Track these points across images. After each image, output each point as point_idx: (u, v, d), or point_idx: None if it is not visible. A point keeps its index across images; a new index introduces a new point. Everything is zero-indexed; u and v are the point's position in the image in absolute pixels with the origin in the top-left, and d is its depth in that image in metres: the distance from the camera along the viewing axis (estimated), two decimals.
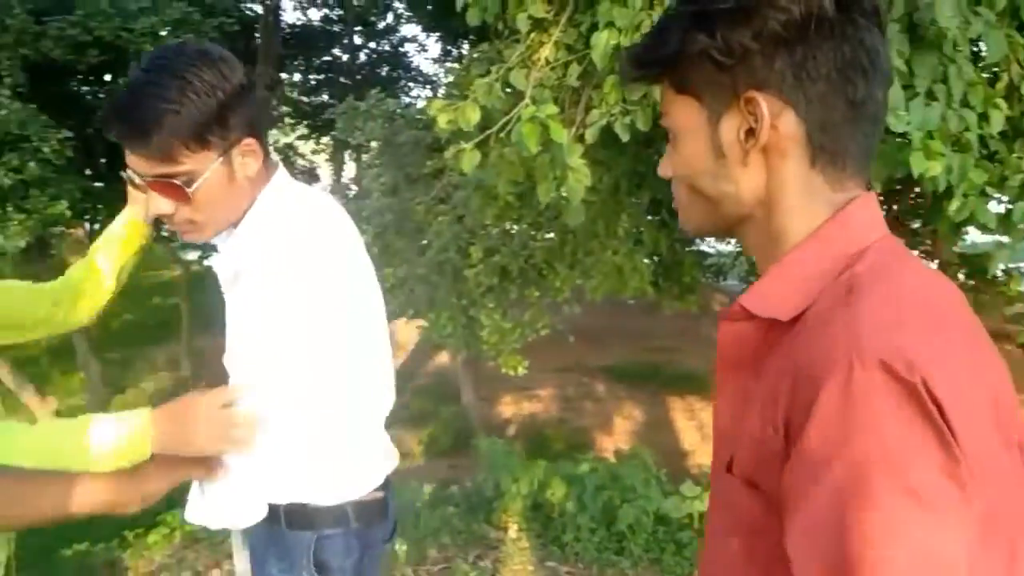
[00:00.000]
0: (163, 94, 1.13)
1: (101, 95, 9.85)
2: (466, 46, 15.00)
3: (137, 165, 1.20)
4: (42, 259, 10.95)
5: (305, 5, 15.33)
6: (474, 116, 2.87)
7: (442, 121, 2.91)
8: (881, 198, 3.61)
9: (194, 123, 1.15)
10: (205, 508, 1.28)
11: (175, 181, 1.20)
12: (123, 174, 1.27)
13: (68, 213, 6.53)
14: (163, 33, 7.67)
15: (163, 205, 1.22)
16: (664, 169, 0.85)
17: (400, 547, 2.94)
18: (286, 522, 1.30)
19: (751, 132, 0.74)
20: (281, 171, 1.33)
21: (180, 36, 7.95)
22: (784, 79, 0.72)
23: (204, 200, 1.22)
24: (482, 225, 6.50)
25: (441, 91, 15.26)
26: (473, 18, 3.40)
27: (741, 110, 0.74)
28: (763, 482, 0.71)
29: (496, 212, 4.92)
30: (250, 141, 1.23)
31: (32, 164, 6.25)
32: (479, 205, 4.73)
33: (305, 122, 16.25)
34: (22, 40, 7.56)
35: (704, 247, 7.78)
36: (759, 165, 0.75)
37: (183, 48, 1.20)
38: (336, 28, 15.56)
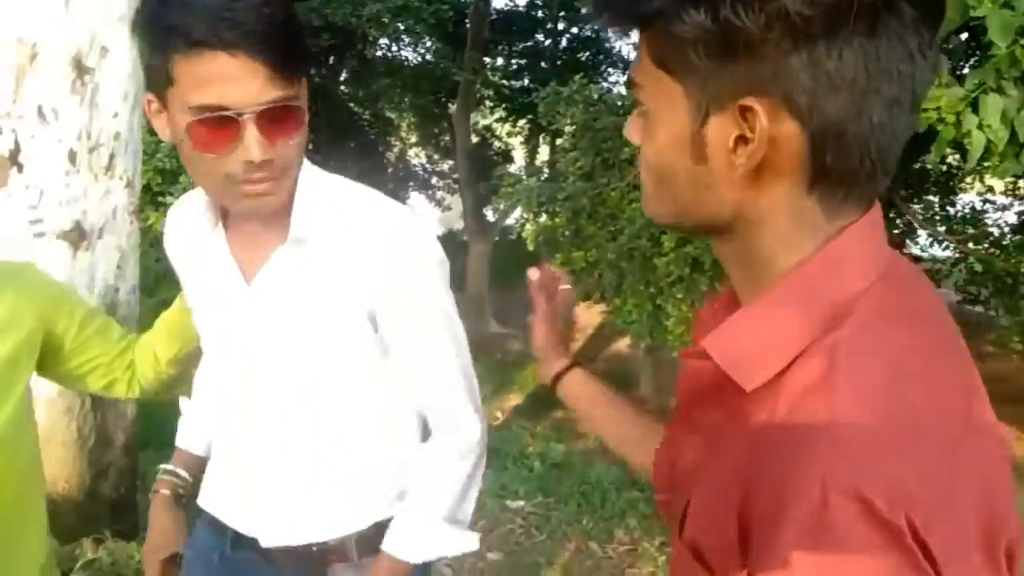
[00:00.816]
0: None
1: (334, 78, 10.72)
2: None
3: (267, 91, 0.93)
4: None
5: None
6: None
7: None
8: None
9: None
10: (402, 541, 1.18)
11: (297, 104, 0.98)
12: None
13: None
14: (386, 19, 8.25)
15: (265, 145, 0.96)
16: (632, 133, 0.69)
17: (587, 524, 3.05)
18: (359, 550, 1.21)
19: (742, 140, 0.59)
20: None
21: (402, 22, 8.55)
22: (796, 83, 0.55)
23: (299, 144, 1.03)
24: None
25: None
26: None
27: (734, 114, 0.58)
28: (712, 561, 0.62)
29: None
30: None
31: None
32: None
33: (504, 105, 16.76)
34: None
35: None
36: (747, 179, 0.60)
37: None
38: (540, 13, 15.85)
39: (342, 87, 12.54)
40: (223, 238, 1.14)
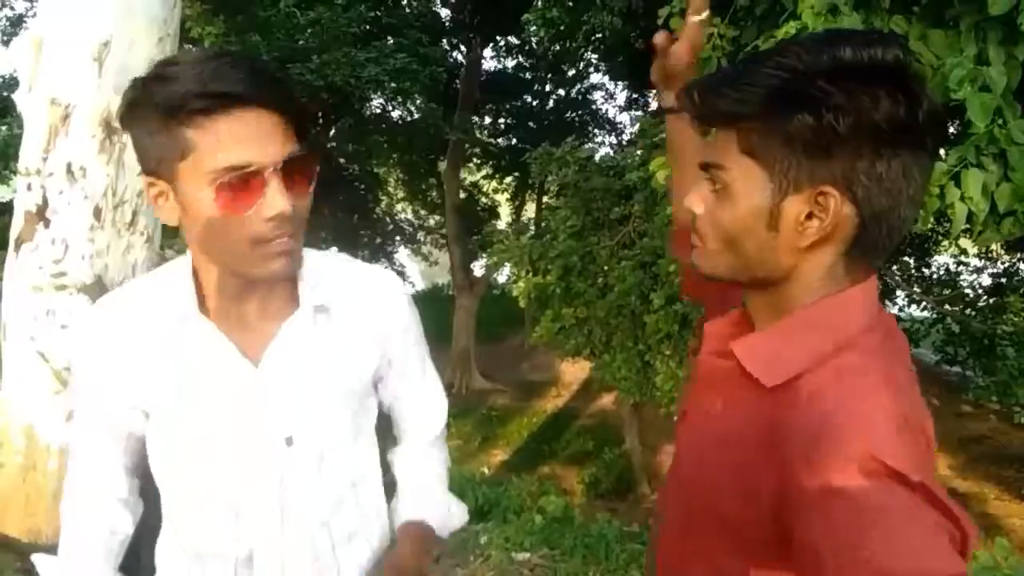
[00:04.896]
0: None
1: (327, 134, 10.92)
2: (652, 96, 15.27)
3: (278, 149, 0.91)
4: None
5: (503, 54, 16.20)
6: None
7: (661, 177, 3.09)
8: None
9: None
10: None
11: (310, 155, 0.96)
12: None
13: None
14: (384, 79, 8.50)
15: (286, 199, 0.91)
16: (696, 204, 0.83)
17: (592, 575, 3.10)
18: None
19: (810, 216, 0.75)
20: None
21: (400, 84, 8.81)
22: (858, 180, 0.72)
23: (311, 195, 0.99)
24: (666, 272, 6.59)
25: (625, 138, 15.61)
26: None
27: (810, 196, 0.74)
28: (745, 532, 0.76)
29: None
30: None
31: None
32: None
33: (491, 162, 17.10)
34: None
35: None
36: (805, 247, 0.76)
37: None
38: (528, 75, 16.32)
39: (332, 143, 12.78)
40: (211, 325, 1.02)
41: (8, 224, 3.68)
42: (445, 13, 14.55)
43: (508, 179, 17.53)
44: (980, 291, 9.62)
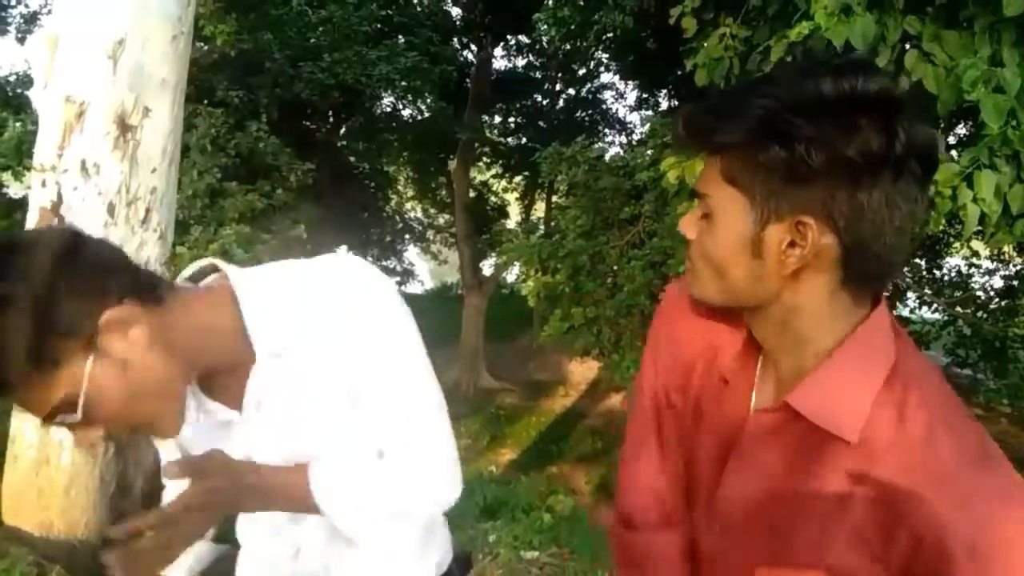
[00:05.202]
0: None
1: (338, 132, 10.97)
2: (663, 95, 15.24)
3: None
4: None
5: (513, 53, 16.20)
6: None
7: (672, 177, 3.08)
8: None
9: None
10: None
11: None
12: None
13: (305, 235, 7.38)
14: (395, 78, 8.53)
15: None
16: (688, 229, 0.85)
17: (601, 574, 3.10)
18: None
19: (791, 244, 0.76)
20: (235, 274, 1.01)
21: (411, 82, 8.84)
22: (838, 209, 0.73)
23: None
24: (676, 273, 6.58)
25: (635, 137, 15.59)
26: (701, 79, 3.54)
27: (790, 225, 0.75)
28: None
29: None
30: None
31: (280, 191, 7.14)
32: (684, 256, 4.83)
33: (501, 161, 17.10)
34: (279, 82, 8.70)
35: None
36: (791, 274, 0.77)
37: None
38: (539, 74, 16.31)
39: (342, 141, 12.84)
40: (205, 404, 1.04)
41: (23, 220, 3.70)
42: (456, 12, 14.57)
43: (518, 178, 17.50)
44: (992, 293, 9.55)
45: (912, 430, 0.75)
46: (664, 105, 14.73)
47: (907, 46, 2.79)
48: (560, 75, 15.97)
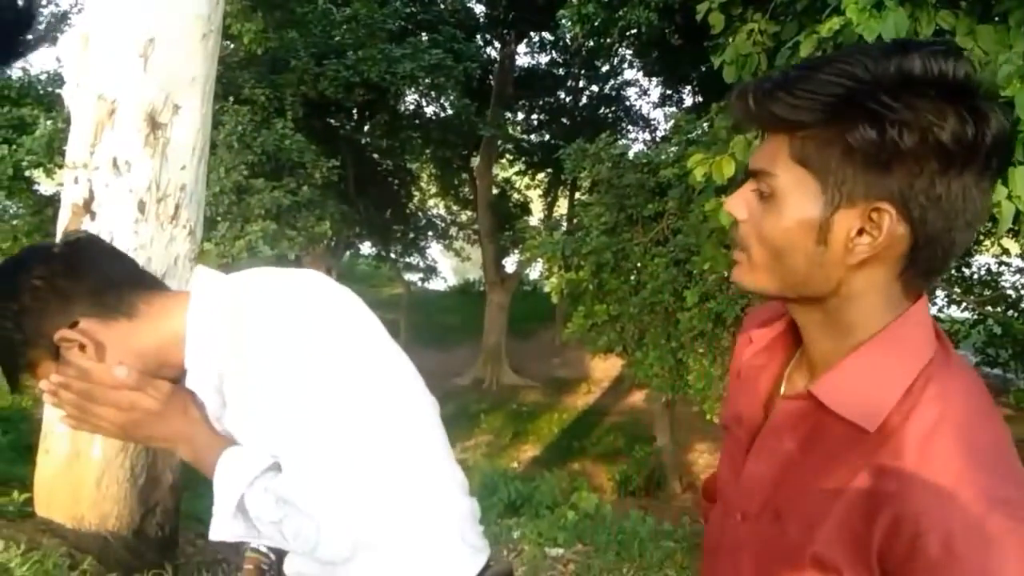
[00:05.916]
0: None
1: (362, 130, 11.05)
2: (687, 92, 15.15)
3: None
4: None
5: (537, 50, 16.17)
6: (729, 170, 3.00)
7: (698, 174, 3.06)
8: None
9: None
10: None
11: None
12: None
13: (329, 232, 7.46)
14: (419, 75, 8.56)
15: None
16: (738, 209, 0.79)
17: (627, 573, 3.09)
18: None
19: (861, 232, 0.72)
20: (198, 283, 1.09)
21: (434, 79, 8.87)
22: (915, 198, 0.69)
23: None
24: (700, 270, 6.54)
25: (659, 134, 15.51)
26: (730, 75, 3.51)
27: (863, 211, 0.71)
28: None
29: (728, 262, 4.95)
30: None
31: (305, 188, 7.20)
32: (710, 254, 4.80)
33: (524, 158, 17.09)
34: (304, 79, 8.77)
35: None
36: (855, 264, 0.73)
37: None
38: (562, 71, 16.29)
39: (366, 138, 12.92)
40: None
41: (54, 217, 3.75)
42: (480, 9, 14.59)
43: (541, 175, 17.49)
44: (1022, 292, 9.39)
45: (918, 423, 0.72)
46: (688, 101, 14.65)
47: None
48: (583, 72, 15.94)
